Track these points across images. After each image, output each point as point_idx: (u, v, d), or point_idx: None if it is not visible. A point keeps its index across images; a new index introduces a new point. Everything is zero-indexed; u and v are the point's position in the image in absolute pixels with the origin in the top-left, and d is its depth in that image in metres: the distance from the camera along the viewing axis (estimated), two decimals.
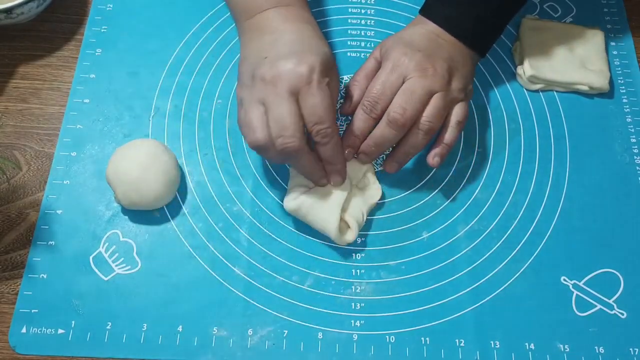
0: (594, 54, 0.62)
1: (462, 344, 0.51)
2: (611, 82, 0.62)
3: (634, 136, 0.60)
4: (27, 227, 0.55)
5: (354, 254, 0.54)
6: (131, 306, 0.51)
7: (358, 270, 0.54)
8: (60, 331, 0.50)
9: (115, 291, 0.52)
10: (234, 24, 0.59)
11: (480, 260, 0.54)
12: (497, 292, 0.53)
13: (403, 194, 0.57)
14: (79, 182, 0.56)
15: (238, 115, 0.50)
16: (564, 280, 0.54)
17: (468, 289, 0.53)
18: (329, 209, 0.52)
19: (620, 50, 0.65)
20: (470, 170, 0.58)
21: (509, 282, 0.53)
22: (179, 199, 0.56)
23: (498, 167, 0.59)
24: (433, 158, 0.53)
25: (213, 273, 0.53)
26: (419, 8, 0.57)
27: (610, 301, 0.53)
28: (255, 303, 0.52)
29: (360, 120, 0.52)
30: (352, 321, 0.52)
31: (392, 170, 0.55)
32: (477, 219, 0.56)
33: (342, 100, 0.58)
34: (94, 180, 0.56)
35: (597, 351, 0.51)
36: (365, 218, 0.54)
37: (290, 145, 0.46)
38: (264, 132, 0.47)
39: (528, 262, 0.54)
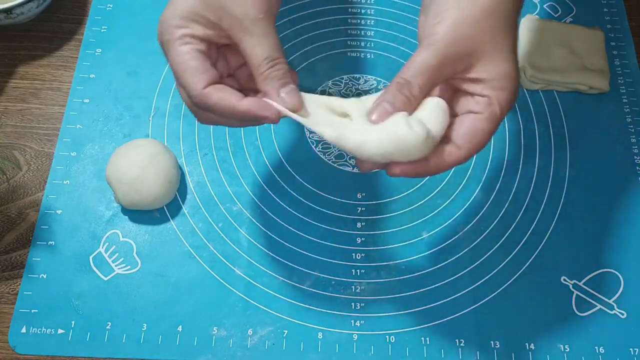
0: (594, 54, 0.62)
1: (462, 344, 0.51)
2: (611, 82, 0.62)
3: (634, 136, 0.60)
4: (27, 227, 0.55)
5: (354, 254, 0.54)
6: (131, 306, 0.51)
7: (358, 270, 0.54)
8: (60, 331, 0.50)
9: (115, 291, 0.52)
10: None
11: (480, 260, 0.54)
12: (497, 292, 0.53)
13: (403, 194, 0.57)
14: (79, 182, 0.56)
15: None
16: (564, 280, 0.54)
17: (468, 289, 0.53)
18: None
19: (620, 50, 0.65)
20: (470, 171, 0.58)
21: (509, 282, 0.53)
22: (179, 199, 0.56)
23: (498, 167, 0.59)
24: None
25: (213, 273, 0.53)
26: (420, 8, 0.57)
27: (610, 301, 0.53)
28: (255, 303, 0.52)
29: None
30: (352, 321, 0.51)
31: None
32: (477, 219, 0.56)
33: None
34: (94, 180, 0.56)
35: (597, 351, 0.51)
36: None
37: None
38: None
39: (528, 262, 0.54)
